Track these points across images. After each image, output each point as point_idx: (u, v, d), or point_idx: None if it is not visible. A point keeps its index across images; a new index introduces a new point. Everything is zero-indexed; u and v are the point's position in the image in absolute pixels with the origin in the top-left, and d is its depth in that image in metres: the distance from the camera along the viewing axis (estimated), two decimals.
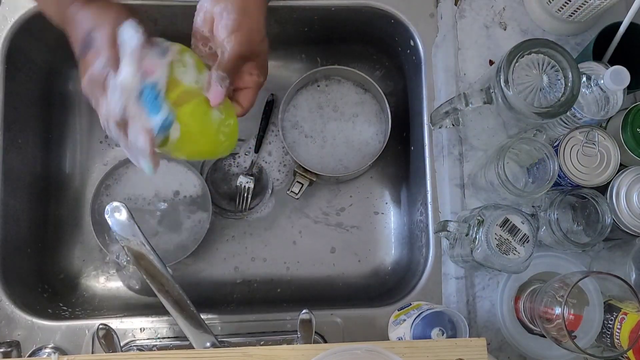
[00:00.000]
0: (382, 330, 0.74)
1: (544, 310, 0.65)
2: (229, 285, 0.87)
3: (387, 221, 0.91)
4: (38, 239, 0.83)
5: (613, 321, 0.65)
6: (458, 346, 0.58)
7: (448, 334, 0.63)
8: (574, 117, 0.71)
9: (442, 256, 0.77)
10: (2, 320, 0.72)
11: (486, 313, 0.75)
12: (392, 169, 0.92)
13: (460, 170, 0.79)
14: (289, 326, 0.75)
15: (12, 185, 0.78)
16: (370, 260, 0.90)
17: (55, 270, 0.85)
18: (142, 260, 0.61)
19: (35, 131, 0.84)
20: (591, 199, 0.69)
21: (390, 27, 0.84)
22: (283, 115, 0.87)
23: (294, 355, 0.56)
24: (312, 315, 0.62)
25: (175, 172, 0.85)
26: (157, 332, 0.74)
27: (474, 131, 0.77)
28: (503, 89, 0.64)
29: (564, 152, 0.70)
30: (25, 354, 0.70)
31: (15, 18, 0.77)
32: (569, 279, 0.63)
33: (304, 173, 0.85)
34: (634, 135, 0.71)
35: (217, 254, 0.88)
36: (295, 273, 0.88)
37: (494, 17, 0.82)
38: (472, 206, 0.77)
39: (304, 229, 0.90)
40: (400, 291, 0.79)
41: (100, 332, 0.60)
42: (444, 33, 0.81)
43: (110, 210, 0.60)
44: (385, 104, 0.86)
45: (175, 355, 0.57)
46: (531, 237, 0.66)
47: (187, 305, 0.62)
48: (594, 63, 0.71)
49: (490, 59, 0.81)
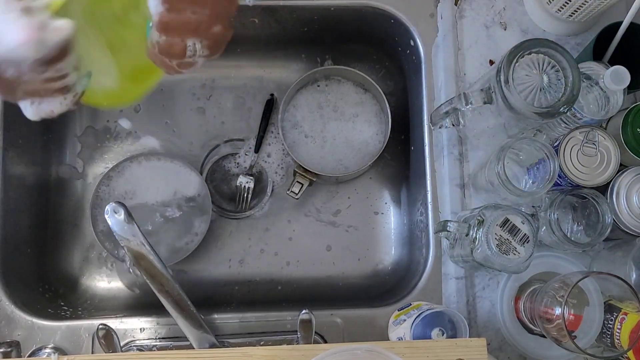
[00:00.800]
0: (382, 330, 0.74)
1: (544, 310, 0.65)
2: (229, 285, 0.87)
3: (387, 221, 0.91)
4: (38, 239, 0.83)
5: (613, 321, 0.65)
6: (458, 346, 0.58)
7: (448, 334, 0.63)
8: (574, 117, 0.70)
9: (442, 256, 0.77)
10: (2, 320, 0.72)
11: (486, 313, 0.75)
12: (392, 169, 0.92)
13: (460, 170, 0.79)
14: (289, 326, 0.75)
15: (12, 185, 0.78)
16: (370, 260, 0.90)
17: (55, 270, 0.85)
18: (142, 260, 0.61)
19: (35, 131, 0.84)
20: (591, 199, 0.69)
21: (390, 27, 0.84)
22: (283, 115, 0.87)
23: (294, 355, 0.56)
24: (312, 315, 0.62)
25: (175, 172, 0.85)
26: (157, 332, 0.74)
27: (474, 131, 0.77)
28: (503, 89, 0.64)
29: (564, 152, 0.70)
30: (25, 354, 0.70)
31: None
32: (569, 279, 0.63)
33: (304, 173, 0.85)
34: (634, 135, 0.71)
35: (217, 254, 0.88)
36: (295, 273, 0.88)
37: (494, 17, 0.82)
38: (472, 206, 0.77)
39: (304, 229, 0.90)
40: (400, 291, 0.79)
41: (100, 332, 0.60)
42: (444, 33, 0.81)
43: (110, 211, 0.60)
44: (385, 104, 0.86)
45: (175, 355, 0.57)
46: (531, 237, 0.66)
47: (187, 305, 0.62)
48: (594, 63, 0.71)
49: (490, 59, 0.81)
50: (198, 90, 0.91)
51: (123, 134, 0.90)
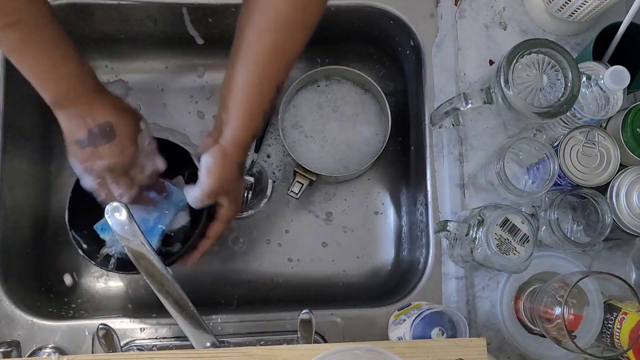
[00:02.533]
0: (382, 330, 0.74)
1: (544, 310, 0.65)
2: (229, 285, 0.87)
3: (387, 221, 0.91)
4: (38, 239, 0.83)
5: (613, 321, 0.65)
6: (458, 346, 0.58)
7: (448, 334, 0.63)
8: (574, 117, 0.71)
9: (442, 256, 0.77)
10: (2, 320, 0.72)
11: (486, 313, 0.75)
12: (392, 169, 0.92)
13: (460, 170, 0.79)
14: (288, 326, 0.75)
15: (12, 185, 0.78)
16: (370, 260, 0.90)
17: (55, 270, 0.84)
18: (142, 260, 0.61)
19: (35, 131, 0.84)
20: (591, 199, 0.69)
21: (390, 27, 0.84)
22: (283, 115, 0.87)
23: (294, 355, 0.56)
24: (312, 315, 0.62)
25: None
26: (157, 332, 0.74)
27: (474, 131, 0.77)
28: (503, 89, 0.64)
29: (564, 152, 0.70)
30: (25, 354, 0.70)
31: None
32: (569, 279, 0.63)
33: (304, 173, 0.85)
34: (634, 135, 0.71)
35: (217, 254, 0.88)
36: (295, 273, 0.88)
37: (494, 17, 0.82)
38: (472, 206, 0.77)
39: (304, 229, 0.90)
40: (400, 291, 0.79)
41: (100, 332, 0.60)
42: (444, 33, 0.81)
43: (110, 211, 0.60)
44: (385, 104, 0.86)
45: (175, 355, 0.57)
46: (531, 237, 0.66)
47: (187, 305, 0.62)
48: (594, 63, 0.71)
49: (490, 59, 0.81)
50: (197, 92, 0.91)
51: None
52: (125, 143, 0.62)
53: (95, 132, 0.60)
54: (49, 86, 0.58)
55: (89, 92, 0.60)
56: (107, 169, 0.62)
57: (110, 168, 0.62)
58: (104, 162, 0.61)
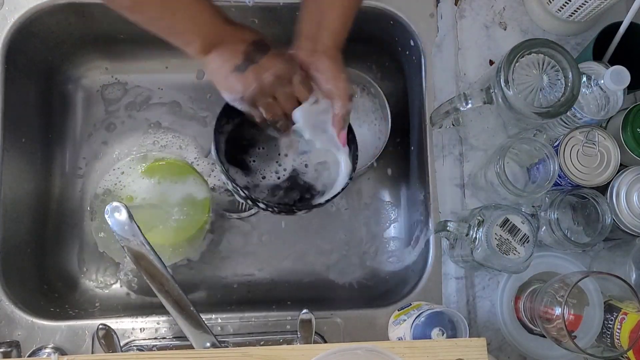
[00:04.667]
0: (382, 330, 0.74)
1: (544, 310, 0.65)
2: (228, 285, 0.87)
3: (387, 221, 0.91)
4: (38, 239, 0.83)
5: (613, 321, 0.65)
6: (458, 346, 0.58)
7: (448, 334, 0.63)
8: (574, 117, 0.71)
9: (442, 256, 0.77)
10: (2, 320, 0.72)
11: (486, 313, 0.75)
12: (392, 169, 0.92)
13: (460, 170, 0.79)
14: (288, 326, 0.74)
15: (13, 185, 0.77)
16: (370, 260, 0.90)
17: (55, 270, 0.84)
18: (142, 260, 0.61)
19: (35, 131, 0.84)
20: (591, 199, 0.69)
21: (390, 27, 0.84)
22: None
23: (294, 355, 0.56)
24: (312, 315, 0.62)
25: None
26: (157, 332, 0.74)
27: (474, 131, 0.77)
28: (503, 89, 0.64)
29: (564, 152, 0.70)
30: (25, 354, 0.70)
31: (15, 18, 0.77)
32: (569, 279, 0.63)
33: None
34: (634, 135, 0.71)
35: (218, 254, 0.88)
36: (295, 273, 0.88)
37: (494, 17, 0.82)
38: (472, 206, 0.77)
39: (304, 229, 0.90)
40: (400, 291, 0.79)
41: (100, 332, 0.60)
42: (444, 33, 0.81)
43: (110, 210, 0.60)
44: (385, 104, 0.86)
45: (175, 355, 0.57)
46: (531, 237, 0.66)
47: (187, 305, 0.61)
48: (594, 63, 0.71)
49: (490, 59, 0.81)
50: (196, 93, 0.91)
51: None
52: (279, 51, 0.63)
53: (249, 50, 0.61)
54: (193, 38, 0.60)
55: (226, 23, 0.61)
56: (276, 78, 0.62)
57: (278, 75, 0.62)
58: (271, 71, 0.61)
